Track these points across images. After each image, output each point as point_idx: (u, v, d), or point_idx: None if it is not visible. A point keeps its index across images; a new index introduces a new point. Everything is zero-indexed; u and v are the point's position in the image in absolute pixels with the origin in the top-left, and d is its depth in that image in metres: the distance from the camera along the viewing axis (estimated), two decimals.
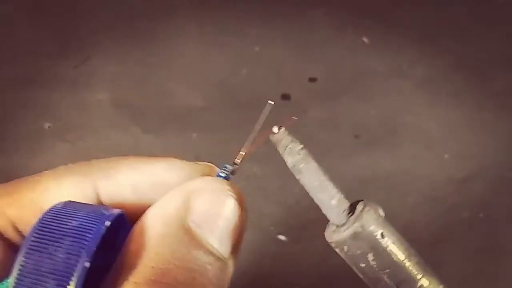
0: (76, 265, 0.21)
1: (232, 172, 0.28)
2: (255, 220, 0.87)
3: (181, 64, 1.16)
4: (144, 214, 0.24)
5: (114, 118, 1.04)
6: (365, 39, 1.22)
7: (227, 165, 0.28)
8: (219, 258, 0.24)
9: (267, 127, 0.29)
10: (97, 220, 0.22)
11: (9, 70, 1.13)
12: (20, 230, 0.26)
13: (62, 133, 1.01)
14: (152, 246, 0.23)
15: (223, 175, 0.28)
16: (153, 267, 0.22)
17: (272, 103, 0.29)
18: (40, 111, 1.05)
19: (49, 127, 1.02)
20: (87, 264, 0.21)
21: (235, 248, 0.25)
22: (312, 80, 1.13)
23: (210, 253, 0.24)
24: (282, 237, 0.86)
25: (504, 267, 0.84)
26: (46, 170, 0.28)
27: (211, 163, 0.29)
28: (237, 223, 0.25)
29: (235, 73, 1.14)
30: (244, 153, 0.29)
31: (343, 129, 1.03)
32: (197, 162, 0.29)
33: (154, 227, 0.23)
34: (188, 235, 0.23)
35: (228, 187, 0.25)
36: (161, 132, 1.02)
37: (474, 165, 0.97)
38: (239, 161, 0.29)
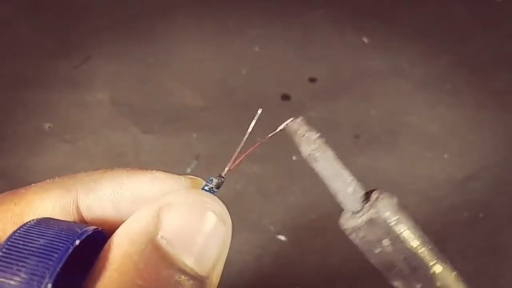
0: (38, 287, 0.20)
1: (217, 186, 0.27)
2: (255, 220, 0.87)
3: (181, 64, 1.16)
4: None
5: (114, 118, 1.04)
6: (365, 39, 1.22)
7: (214, 178, 0.27)
8: (194, 278, 0.22)
9: (262, 132, 0.28)
10: (67, 239, 0.21)
11: (9, 70, 1.13)
12: None
13: (62, 133, 1.01)
14: (116, 265, 0.21)
15: (207, 188, 0.26)
16: None
17: (260, 111, 0.28)
18: (40, 111, 1.05)
19: (49, 127, 1.02)
20: (49, 286, 0.20)
21: (217, 265, 0.23)
22: (312, 80, 1.13)
23: (183, 272, 0.22)
24: (282, 237, 0.86)
25: (504, 267, 0.84)
26: (46, 170, 0.27)
27: (211, 163, 0.29)
28: (218, 239, 0.23)
29: (235, 73, 1.14)
30: (231, 168, 0.27)
31: (343, 129, 1.02)
32: (184, 175, 0.27)
33: (120, 244, 0.22)
34: (157, 253, 0.22)
35: (207, 199, 0.24)
36: (161, 132, 1.02)
37: (474, 165, 0.97)
38: (230, 168, 0.27)
